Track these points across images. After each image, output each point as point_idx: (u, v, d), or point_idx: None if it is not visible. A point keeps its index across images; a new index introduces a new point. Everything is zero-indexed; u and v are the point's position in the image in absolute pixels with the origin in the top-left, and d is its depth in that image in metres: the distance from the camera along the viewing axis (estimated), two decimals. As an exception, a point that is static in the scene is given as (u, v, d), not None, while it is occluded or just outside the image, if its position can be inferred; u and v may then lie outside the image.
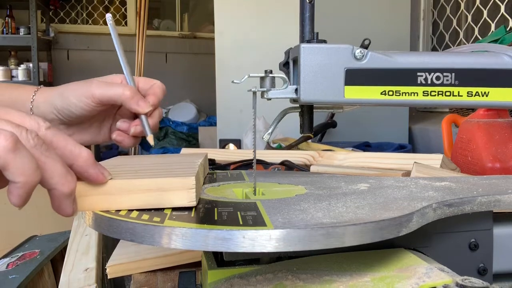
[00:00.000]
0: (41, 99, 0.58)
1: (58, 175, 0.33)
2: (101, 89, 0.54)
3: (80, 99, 0.54)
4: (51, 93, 0.58)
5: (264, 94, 0.47)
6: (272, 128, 0.48)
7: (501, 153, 0.93)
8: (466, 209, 0.41)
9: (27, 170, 0.30)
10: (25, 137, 0.32)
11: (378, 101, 0.46)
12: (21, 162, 0.30)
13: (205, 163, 0.57)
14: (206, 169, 0.59)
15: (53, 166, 0.32)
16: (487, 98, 0.47)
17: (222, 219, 0.33)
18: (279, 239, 0.30)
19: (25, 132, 0.32)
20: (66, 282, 0.70)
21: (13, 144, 0.30)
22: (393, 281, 0.33)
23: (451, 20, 2.20)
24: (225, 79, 1.98)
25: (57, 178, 0.33)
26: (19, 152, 0.30)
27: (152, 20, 4.08)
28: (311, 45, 0.46)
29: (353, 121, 1.97)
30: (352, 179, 0.53)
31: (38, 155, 0.32)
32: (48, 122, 0.35)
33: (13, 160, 0.30)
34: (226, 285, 0.33)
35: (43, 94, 0.58)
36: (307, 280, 0.34)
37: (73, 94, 0.55)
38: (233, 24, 2.00)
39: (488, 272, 0.43)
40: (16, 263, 1.09)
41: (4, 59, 3.45)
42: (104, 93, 0.54)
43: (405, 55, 0.47)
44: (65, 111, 0.56)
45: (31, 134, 0.32)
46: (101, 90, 0.54)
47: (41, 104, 0.57)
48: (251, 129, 1.67)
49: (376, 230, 0.33)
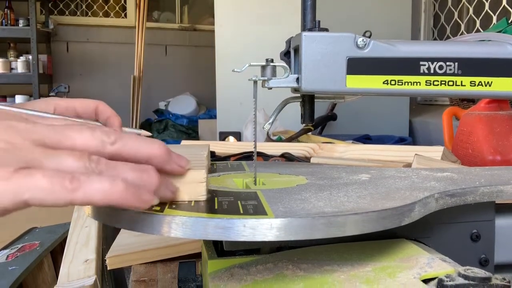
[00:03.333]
0: None
1: (135, 183, 0.30)
2: None
3: None
4: None
5: (265, 83, 0.47)
6: (273, 118, 0.48)
7: (502, 146, 0.92)
8: (468, 199, 0.41)
9: (97, 196, 0.28)
10: (89, 167, 0.29)
11: (380, 90, 0.46)
12: (89, 193, 0.27)
13: (208, 154, 0.56)
14: (208, 161, 0.58)
15: (126, 178, 0.29)
16: (490, 88, 0.47)
17: (223, 208, 0.33)
18: (280, 228, 0.30)
19: (88, 161, 0.29)
20: (66, 274, 0.69)
21: (76, 185, 0.27)
22: (394, 271, 0.33)
23: (453, 12, 2.19)
24: (225, 71, 1.97)
25: (135, 186, 0.30)
26: (82, 189, 0.27)
27: (151, 12, 4.06)
28: (313, 34, 0.45)
29: (353, 114, 1.96)
30: (353, 169, 0.53)
31: (106, 177, 0.29)
32: (113, 133, 0.31)
33: (79, 198, 0.27)
34: (226, 274, 0.33)
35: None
36: (307, 270, 0.33)
37: None
38: (233, 17, 1.99)
39: (489, 263, 0.43)
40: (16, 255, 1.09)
41: (3, 51, 3.43)
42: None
43: (408, 44, 0.46)
44: None
45: (94, 162, 0.29)
46: None
47: None
48: (251, 122, 1.67)
49: (378, 219, 0.32)
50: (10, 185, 0.26)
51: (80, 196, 0.27)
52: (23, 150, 0.28)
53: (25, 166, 0.27)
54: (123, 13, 4.01)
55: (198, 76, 3.96)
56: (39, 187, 0.26)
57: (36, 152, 0.28)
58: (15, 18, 3.30)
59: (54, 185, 0.26)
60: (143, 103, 3.67)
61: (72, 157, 0.28)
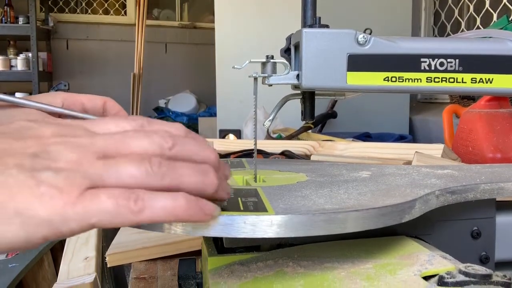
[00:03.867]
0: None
1: (198, 188, 0.29)
2: None
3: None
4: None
5: (265, 80, 0.46)
6: (273, 115, 0.48)
7: (502, 143, 0.92)
8: (469, 196, 0.41)
9: (162, 214, 0.27)
10: (151, 171, 0.28)
11: (380, 87, 0.46)
12: (155, 213, 0.27)
13: None
14: None
15: (188, 183, 0.29)
16: (491, 84, 0.46)
17: (223, 205, 0.33)
18: (281, 225, 0.29)
19: (150, 165, 0.28)
20: (65, 271, 0.69)
21: (140, 205, 0.26)
22: (395, 268, 0.33)
23: (453, 10, 2.19)
24: (225, 69, 1.97)
25: (196, 190, 0.29)
26: (147, 209, 0.27)
27: (151, 9, 4.06)
28: (313, 30, 0.45)
29: (353, 111, 1.96)
30: (353, 167, 0.53)
31: (168, 183, 0.28)
32: (169, 137, 0.30)
33: (144, 218, 0.27)
34: (226, 271, 0.33)
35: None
36: (308, 267, 0.33)
37: None
38: (233, 14, 1.98)
39: (490, 260, 0.43)
40: (16, 252, 1.09)
41: (3, 49, 3.43)
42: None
43: (409, 41, 0.46)
44: None
45: (155, 166, 0.28)
46: None
47: None
48: (251, 119, 1.67)
49: (379, 216, 0.32)
50: (77, 210, 0.26)
51: (146, 216, 0.27)
52: (85, 166, 0.27)
53: (89, 185, 0.26)
54: (123, 10, 4.00)
55: (198, 73, 3.95)
56: (105, 210, 0.26)
57: (97, 167, 0.27)
58: (14, 16, 3.29)
59: (120, 207, 0.26)
60: (143, 101, 3.67)
61: (132, 163, 0.28)
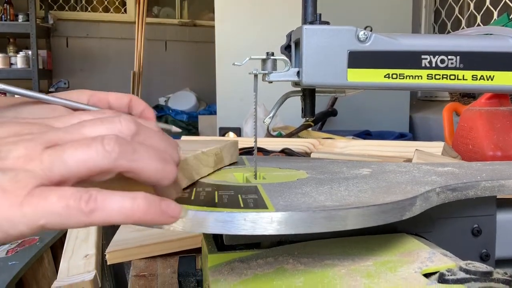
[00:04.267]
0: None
1: (156, 174, 0.28)
2: None
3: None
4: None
5: (266, 77, 0.46)
6: (273, 112, 0.48)
7: (503, 141, 0.92)
8: (469, 193, 0.41)
9: (117, 216, 0.26)
10: (102, 152, 0.26)
11: (381, 84, 0.46)
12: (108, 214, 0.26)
13: (224, 152, 0.49)
14: (223, 160, 0.50)
15: (147, 168, 0.27)
16: (492, 82, 0.46)
17: (223, 202, 0.33)
18: (281, 222, 0.29)
19: (102, 146, 0.26)
20: (65, 269, 0.69)
21: (92, 206, 0.25)
22: (395, 265, 0.33)
23: (453, 8, 2.18)
24: (225, 67, 1.96)
25: (154, 178, 0.28)
26: (100, 210, 0.25)
27: (151, 7, 4.05)
28: (314, 27, 0.45)
29: (353, 109, 1.96)
30: (354, 164, 0.53)
31: (124, 164, 0.26)
32: (137, 122, 0.29)
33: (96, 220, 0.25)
34: (226, 268, 0.33)
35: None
36: (308, 264, 0.33)
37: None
38: (234, 12, 1.98)
39: (490, 258, 0.43)
40: (16, 250, 1.09)
41: (3, 47, 3.43)
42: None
43: (410, 38, 0.46)
44: None
45: (108, 145, 0.26)
46: None
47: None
48: (251, 117, 1.67)
49: (379, 213, 0.32)
50: (24, 211, 0.24)
51: (99, 218, 0.25)
52: (33, 161, 0.25)
53: (37, 183, 0.25)
54: (123, 8, 3.99)
55: (198, 71, 3.95)
56: (54, 212, 0.24)
57: (44, 159, 0.25)
58: (14, 13, 3.28)
59: (70, 209, 0.25)
60: (143, 99, 3.59)
61: (80, 147, 0.26)
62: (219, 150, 0.47)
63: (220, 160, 0.48)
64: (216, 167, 0.47)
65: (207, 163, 0.44)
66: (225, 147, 0.49)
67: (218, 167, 0.47)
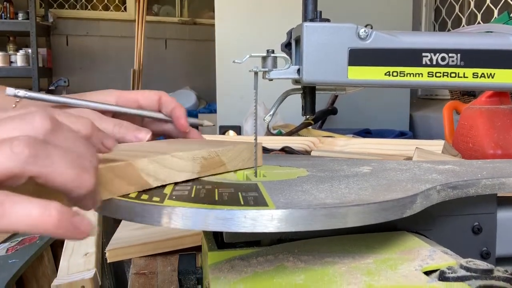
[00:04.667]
0: None
1: (71, 182, 0.26)
2: None
3: None
4: None
5: (266, 75, 0.46)
6: (273, 110, 0.47)
7: (503, 140, 0.92)
8: (470, 191, 0.41)
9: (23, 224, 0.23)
10: (10, 155, 0.24)
11: (382, 82, 0.45)
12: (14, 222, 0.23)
13: (226, 157, 0.44)
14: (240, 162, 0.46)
15: (60, 174, 0.25)
16: (492, 79, 0.46)
17: (223, 199, 0.33)
18: (281, 219, 0.29)
19: (10, 149, 0.24)
20: (65, 267, 0.69)
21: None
22: (396, 263, 0.33)
23: (454, 6, 2.18)
24: (225, 65, 1.96)
25: (69, 185, 0.26)
26: (6, 217, 0.23)
27: (151, 5, 4.04)
28: (314, 24, 0.45)
29: (353, 108, 1.96)
30: (354, 162, 0.52)
31: (34, 170, 0.24)
32: (55, 120, 0.26)
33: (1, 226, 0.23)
34: (226, 266, 0.33)
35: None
36: (308, 262, 0.33)
37: None
38: (234, 10, 1.98)
39: (491, 256, 0.43)
40: (16, 248, 1.09)
41: (3, 45, 3.42)
42: None
43: (410, 35, 0.46)
44: None
45: (17, 148, 0.24)
46: None
47: None
48: (251, 115, 1.66)
49: (380, 211, 0.32)
50: None
51: (4, 224, 0.23)
52: None
53: None
54: (123, 6, 3.99)
55: (198, 70, 3.95)
56: None
57: None
58: (14, 11, 3.28)
59: None
60: (143, 97, 3.65)
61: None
62: (214, 154, 0.42)
63: (216, 165, 0.42)
64: (207, 172, 0.41)
65: (181, 168, 0.39)
66: (228, 151, 0.44)
67: (211, 172, 0.42)
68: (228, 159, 0.44)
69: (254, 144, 0.45)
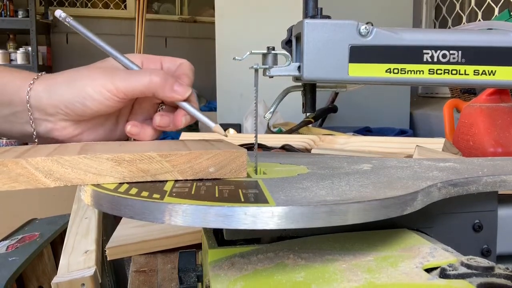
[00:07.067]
0: (41, 87, 0.46)
1: None
2: (126, 81, 0.45)
3: (99, 92, 0.44)
4: (55, 80, 0.46)
5: (266, 72, 0.46)
6: (273, 107, 0.47)
7: (503, 138, 0.92)
8: (471, 189, 0.41)
9: None
10: None
11: (383, 79, 0.45)
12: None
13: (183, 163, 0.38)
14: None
15: None
16: (494, 77, 0.46)
17: (223, 196, 0.32)
18: (282, 216, 0.29)
19: None
20: (65, 265, 0.69)
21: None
22: (396, 260, 0.33)
23: (454, 4, 2.18)
24: (226, 63, 1.96)
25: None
26: None
27: (151, 3, 4.04)
28: (315, 21, 0.44)
29: (354, 106, 1.96)
30: (354, 159, 0.52)
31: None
32: None
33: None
34: (227, 264, 0.33)
35: (45, 82, 0.46)
36: (309, 259, 0.33)
37: (91, 85, 0.45)
38: (234, 8, 1.97)
39: (491, 254, 0.43)
40: (16, 246, 1.09)
41: (3, 43, 3.42)
42: (130, 86, 0.44)
43: (411, 32, 0.46)
44: (78, 105, 0.45)
45: None
46: (125, 82, 0.44)
47: (42, 94, 0.45)
48: (251, 114, 1.66)
49: (380, 208, 0.32)
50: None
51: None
52: None
53: None
54: (123, 4, 3.99)
55: (198, 68, 3.89)
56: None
57: None
58: (14, 10, 3.28)
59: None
60: (143, 95, 3.65)
61: None
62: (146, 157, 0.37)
63: (160, 171, 0.38)
64: (144, 178, 0.37)
65: (97, 171, 0.36)
66: (180, 157, 0.38)
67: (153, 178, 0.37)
68: (177, 165, 0.38)
69: (220, 153, 0.39)
